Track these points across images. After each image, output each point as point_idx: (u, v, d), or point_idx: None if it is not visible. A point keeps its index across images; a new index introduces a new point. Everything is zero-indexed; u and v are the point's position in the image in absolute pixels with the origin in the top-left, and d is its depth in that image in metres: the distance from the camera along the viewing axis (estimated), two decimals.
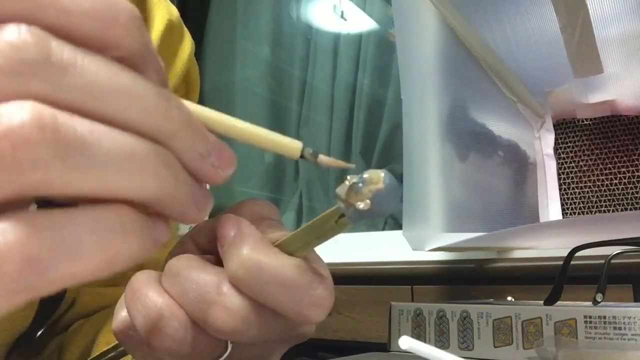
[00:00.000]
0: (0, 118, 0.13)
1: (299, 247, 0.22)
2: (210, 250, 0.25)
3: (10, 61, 0.13)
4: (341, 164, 0.20)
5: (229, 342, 0.24)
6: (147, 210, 0.17)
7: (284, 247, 0.22)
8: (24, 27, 0.14)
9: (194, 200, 0.18)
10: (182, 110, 0.17)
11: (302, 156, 0.20)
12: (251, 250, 0.21)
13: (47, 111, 0.13)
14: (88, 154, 0.14)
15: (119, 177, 0.15)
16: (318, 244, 0.22)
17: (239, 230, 0.22)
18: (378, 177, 0.19)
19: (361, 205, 0.19)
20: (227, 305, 0.21)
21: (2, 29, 0.14)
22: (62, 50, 0.14)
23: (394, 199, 0.19)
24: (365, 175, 0.19)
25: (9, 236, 0.13)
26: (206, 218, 0.22)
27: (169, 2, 0.49)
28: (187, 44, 0.49)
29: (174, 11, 0.49)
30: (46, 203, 0.15)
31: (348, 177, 0.19)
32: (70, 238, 0.14)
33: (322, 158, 0.20)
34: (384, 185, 0.18)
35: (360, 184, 0.19)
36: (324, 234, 0.21)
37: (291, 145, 0.20)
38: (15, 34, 0.14)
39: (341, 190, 0.19)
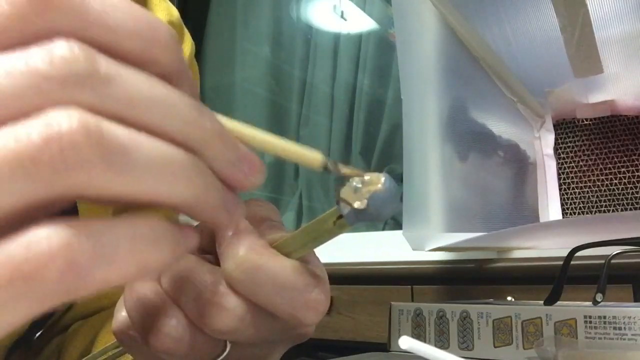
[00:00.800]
0: (51, 123, 0.14)
1: (297, 248, 0.22)
2: (210, 249, 0.25)
3: (62, 72, 0.15)
4: (362, 173, 0.21)
5: (227, 342, 0.24)
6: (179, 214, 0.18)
7: (282, 249, 0.22)
8: (74, 43, 0.15)
9: (224, 205, 0.18)
10: (214, 122, 0.18)
11: (325, 167, 0.20)
12: (248, 251, 0.22)
13: (92, 118, 0.15)
14: (129, 159, 0.15)
15: (155, 181, 0.16)
16: (316, 245, 0.22)
17: (237, 230, 0.23)
18: (378, 179, 0.19)
19: (357, 204, 0.19)
20: (224, 305, 0.22)
21: (55, 43, 0.15)
22: (108, 65, 0.15)
23: (392, 202, 0.19)
24: (366, 177, 0.19)
25: (54, 241, 0.14)
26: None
27: (169, 2, 0.49)
28: (187, 45, 0.49)
29: (174, 12, 0.49)
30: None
31: (350, 179, 0.19)
32: (108, 245, 0.15)
33: (344, 168, 0.20)
34: (383, 187, 0.19)
35: (360, 185, 0.19)
36: (321, 236, 0.21)
37: (313, 157, 0.20)
38: (67, 48, 0.15)
39: (340, 189, 0.19)
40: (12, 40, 0.15)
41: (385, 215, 0.19)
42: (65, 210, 0.16)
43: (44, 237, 0.14)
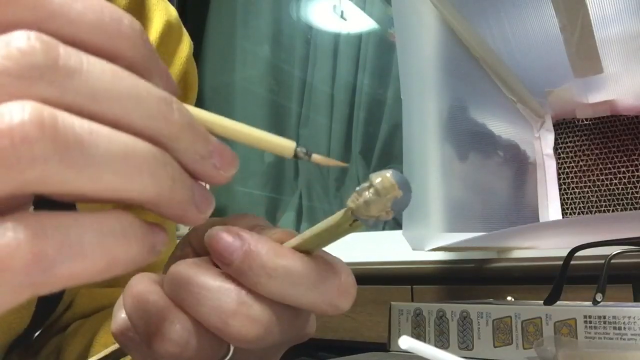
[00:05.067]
0: (2, 116, 0.14)
1: (310, 248, 0.22)
2: (206, 252, 0.25)
3: (19, 65, 0.14)
4: (335, 162, 0.20)
5: (231, 345, 0.23)
6: (146, 217, 0.17)
7: (298, 249, 0.22)
8: (32, 33, 0.14)
9: (193, 201, 0.18)
10: (183, 113, 0.17)
11: (295, 155, 0.20)
12: (274, 256, 0.21)
13: (47, 110, 0.14)
14: (85, 153, 0.14)
15: (115, 176, 0.15)
16: (329, 244, 0.22)
17: (247, 239, 0.21)
18: (391, 184, 0.18)
19: (383, 216, 0.19)
20: (250, 315, 0.21)
21: (11, 34, 0.14)
22: (69, 55, 0.15)
23: (408, 195, 0.19)
24: (377, 185, 0.18)
25: (20, 233, 0.14)
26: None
27: (168, 2, 0.49)
28: (186, 45, 0.49)
29: (173, 12, 0.49)
30: (43, 206, 0.15)
31: (358, 189, 0.19)
32: (75, 238, 0.15)
33: (316, 157, 0.20)
34: (402, 191, 0.18)
35: (376, 195, 0.18)
36: (336, 236, 0.21)
37: (284, 145, 0.20)
38: (25, 39, 0.14)
39: (357, 205, 0.19)
40: None
41: (404, 210, 0.19)
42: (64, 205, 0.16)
43: (9, 229, 0.14)
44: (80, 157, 0.14)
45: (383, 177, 0.18)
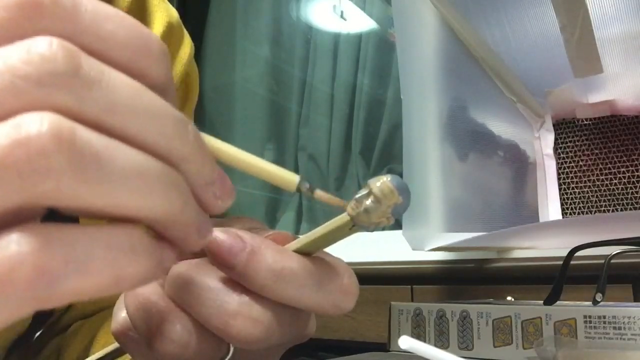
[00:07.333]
0: (20, 127, 0.13)
1: (310, 251, 0.23)
2: (204, 254, 0.25)
3: (39, 71, 0.14)
4: (337, 201, 0.20)
5: (231, 345, 0.24)
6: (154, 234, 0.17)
7: (297, 252, 0.23)
8: (55, 40, 0.14)
9: (197, 226, 0.18)
10: (197, 136, 0.17)
11: (298, 189, 0.20)
12: (280, 258, 0.21)
13: (65, 123, 0.14)
14: (101, 168, 0.14)
15: (129, 194, 0.15)
16: (328, 246, 0.22)
17: (250, 242, 0.21)
18: (391, 190, 0.18)
19: (384, 222, 0.19)
20: (251, 315, 0.21)
21: (34, 39, 0.14)
22: (91, 66, 0.15)
23: (408, 200, 0.19)
24: (377, 192, 0.18)
25: (24, 246, 0.13)
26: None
27: (169, 4, 0.49)
28: (187, 46, 0.49)
29: (174, 13, 0.49)
30: (50, 218, 0.15)
31: (357, 197, 0.19)
32: (82, 253, 0.14)
33: (319, 193, 0.20)
34: (402, 197, 0.18)
35: (376, 203, 0.18)
36: (335, 240, 0.22)
37: (288, 178, 0.20)
38: (47, 45, 0.14)
39: (357, 213, 0.19)
40: None
41: (404, 212, 0.19)
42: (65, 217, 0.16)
43: (13, 241, 0.13)
44: (95, 173, 0.14)
45: (382, 184, 0.18)
